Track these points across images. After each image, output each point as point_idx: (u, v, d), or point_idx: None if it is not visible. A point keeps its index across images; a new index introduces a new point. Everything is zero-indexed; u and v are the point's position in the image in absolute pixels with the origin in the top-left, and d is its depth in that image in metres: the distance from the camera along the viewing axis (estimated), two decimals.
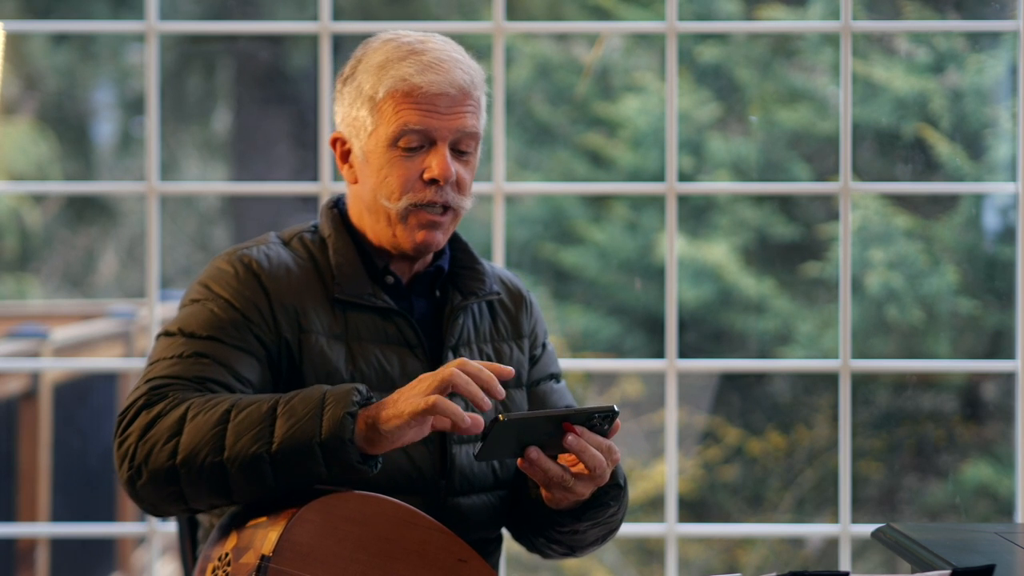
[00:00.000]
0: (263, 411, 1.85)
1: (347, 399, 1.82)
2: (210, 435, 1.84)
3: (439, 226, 2.05)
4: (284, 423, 1.83)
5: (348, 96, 2.07)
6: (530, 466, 1.86)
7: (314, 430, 1.81)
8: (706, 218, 5.20)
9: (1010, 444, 4.23)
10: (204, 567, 1.83)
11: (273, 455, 1.82)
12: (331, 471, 1.82)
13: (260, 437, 1.83)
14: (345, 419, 1.81)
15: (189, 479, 1.85)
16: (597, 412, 1.85)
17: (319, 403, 1.83)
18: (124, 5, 5.84)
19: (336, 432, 1.80)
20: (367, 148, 2.05)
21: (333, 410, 1.82)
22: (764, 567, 4.91)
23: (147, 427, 1.88)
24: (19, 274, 6.80)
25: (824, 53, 5.13)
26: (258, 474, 1.83)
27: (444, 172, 2.02)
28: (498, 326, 2.16)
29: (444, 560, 1.84)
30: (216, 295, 2.01)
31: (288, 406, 1.84)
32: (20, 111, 6.45)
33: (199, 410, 1.87)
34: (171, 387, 1.93)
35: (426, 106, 2.02)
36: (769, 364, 4.39)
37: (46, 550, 4.72)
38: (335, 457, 1.81)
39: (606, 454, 1.88)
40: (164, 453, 1.86)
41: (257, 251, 2.07)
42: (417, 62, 2.03)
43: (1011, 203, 4.52)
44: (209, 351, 1.96)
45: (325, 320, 2.03)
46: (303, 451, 1.81)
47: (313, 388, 1.86)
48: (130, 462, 1.88)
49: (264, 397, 1.88)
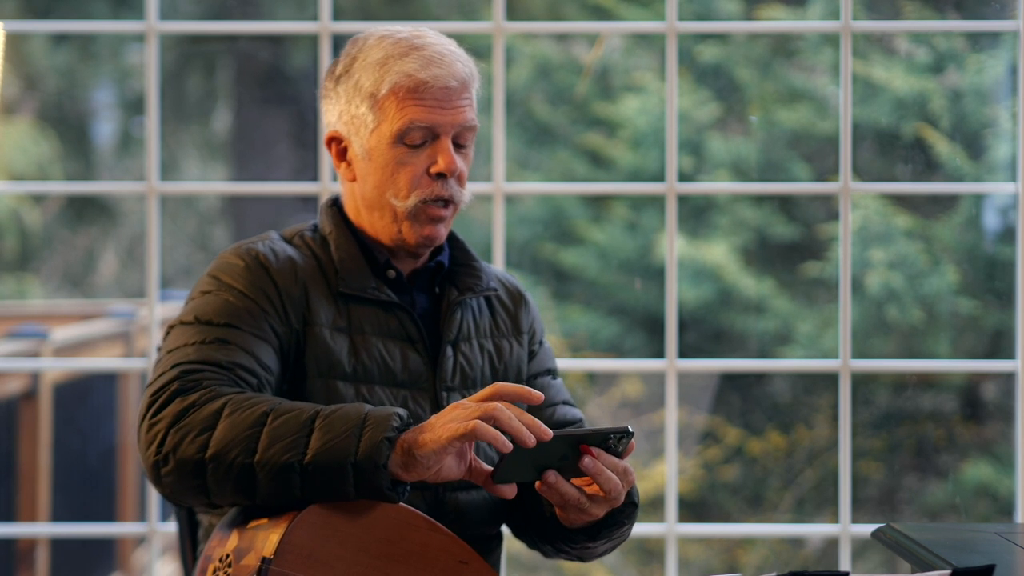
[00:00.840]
0: (301, 420, 1.82)
1: (387, 423, 1.79)
2: (244, 435, 1.82)
3: (443, 220, 2.07)
4: (320, 437, 1.80)
5: (344, 94, 2.07)
6: (548, 489, 1.86)
7: (349, 450, 1.78)
8: (706, 218, 5.20)
9: (1010, 444, 4.23)
10: (205, 568, 1.83)
11: (304, 467, 1.79)
12: (359, 492, 1.79)
13: (294, 447, 1.80)
14: (382, 444, 1.78)
15: (216, 475, 1.83)
16: (612, 433, 1.84)
17: (359, 423, 1.80)
18: (124, 5, 5.84)
19: (371, 455, 1.78)
20: (369, 145, 2.05)
21: (372, 433, 1.79)
22: (764, 567, 4.91)
23: (180, 414, 1.85)
24: (19, 274, 6.80)
25: (824, 53, 5.13)
26: (286, 483, 1.80)
27: (451, 166, 2.03)
28: (497, 322, 2.17)
29: (445, 562, 1.84)
30: (228, 285, 2.01)
31: (327, 420, 1.82)
32: (20, 111, 6.45)
33: (236, 407, 1.84)
34: (203, 373, 1.90)
35: (430, 101, 2.03)
36: (769, 364, 4.39)
37: (46, 550, 4.72)
38: (366, 480, 1.78)
39: (621, 476, 1.87)
40: (195, 445, 1.84)
41: (263, 246, 2.08)
42: (419, 57, 2.04)
43: (1011, 203, 4.52)
44: (230, 337, 1.95)
45: (329, 313, 2.04)
46: (335, 469, 1.79)
47: (354, 406, 1.84)
48: (158, 447, 1.85)
49: (304, 406, 1.85)
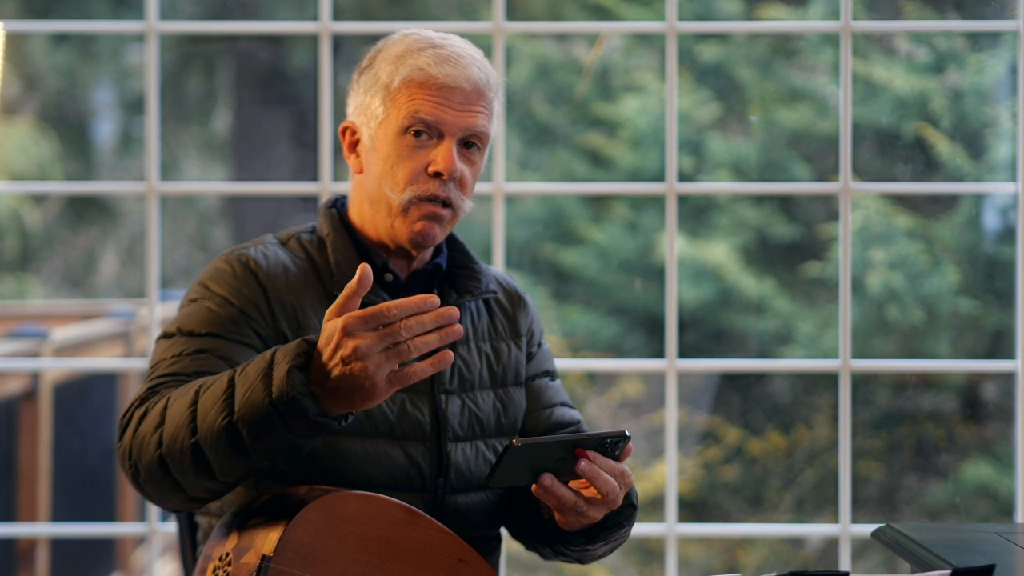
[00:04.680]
0: (224, 383, 1.82)
1: (294, 352, 1.77)
2: (184, 419, 1.83)
3: (438, 219, 2.05)
4: (239, 390, 1.79)
5: (363, 85, 2.08)
6: (544, 493, 1.86)
7: (265, 391, 1.77)
8: (706, 218, 5.20)
9: (1010, 444, 4.23)
10: (204, 567, 1.83)
11: (234, 425, 1.79)
12: (293, 430, 1.77)
13: (223, 410, 1.80)
14: (291, 373, 1.75)
15: (176, 467, 1.84)
16: (609, 437, 1.84)
17: (269, 363, 1.78)
18: (124, 5, 5.84)
19: (284, 390, 1.75)
20: (376, 135, 2.05)
21: (279, 368, 1.76)
22: (764, 567, 4.91)
23: (138, 424, 1.89)
24: (19, 274, 6.80)
25: (824, 53, 5.13)
26: (231, 448, 1.80)
27: (449, 166, 2.02)
28: (496, 325, 2.16)
29: (444, 560, 1.84)
30: (214, 293, 2.02)
31: (243, 373, 1.80)
32: (20, 111, 6.45)
33: (175, 398, 1.86)
34: (166, 384, 1.93)
35: (439, 98, 2.03)
36: (769, 364, 4.39)
37: (46, 550, 4.72)
38: (292, 415, 1.76)
39: (619, 479, 1.88)
40: (152, 445, 1.86)
41: (255, 251, 2.07)
42: (435, 55, 2.04)
43: (1011, 203, 4.52)
44: (209, 347, 1.97)
45: (322, 316, 2.03)
46: (260, 415, 1.77)
47: (267, 351, 1.82)
48: (129, 460, 1.89)
49: (226, 372, 1.84)
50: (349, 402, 1.76)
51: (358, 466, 1.98)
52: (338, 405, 1.77)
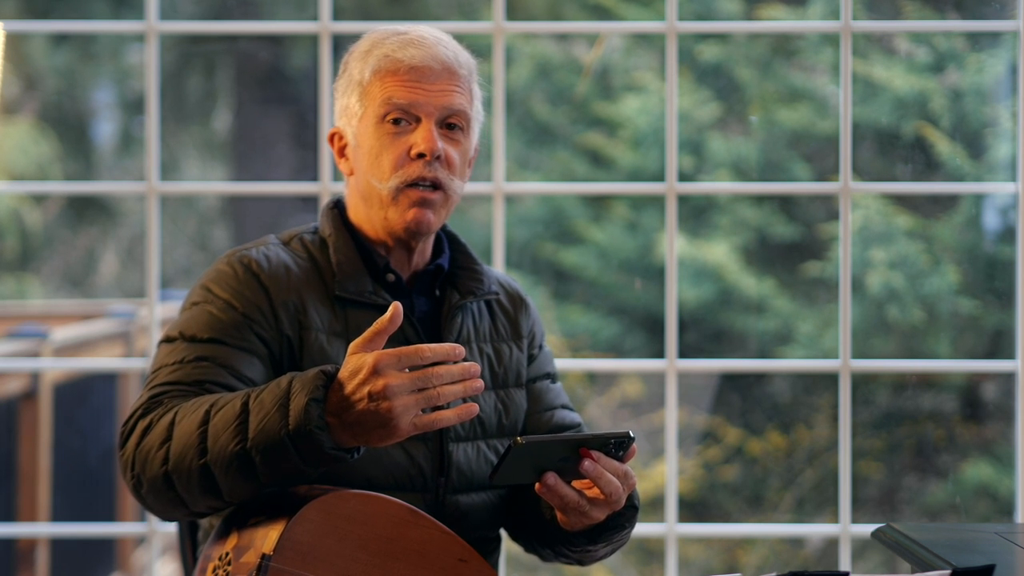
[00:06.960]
0: (237, 408, 1.81)
1: (312, 384, 1.76)
2: (194, 438, 1.82)
3: (430, 204, 2.05)
4: (254, 417, 1.78)
5: (341, 89, 2.11)
6: (547, 491, 1.86)
7: (281, 422, 1.76)
8: (706, 218, 5.20)
9: (1010, 444, 4.23)
10: (205, 566, 1.83)
11: (248, 452, 1.78)
12: (307, 463, 1.77)
13: (236, 435, 1.79)
14: (310, 406, 1.74)
15: (182, 484, 1.84)
16: (613, 438, 1.84)
17: (286, 392, 1.77)
18: (124, 5, 5.84)
19: (302, 423, 1.74)
20: (358, 132, 2.07)
21: (298, 399, 1.76)
22: (764, 567, 4.91)
23: (142, 436, 1.88)
24: (19, 274, 6.80)
25: (824, 53, 5.13)
26: (241, 473, 1.80)
27: (430, 145, 2.02)
28: (497, 326, 2.16)
29: (444, 560, 1.84)
30: (216, 296, 2.02)
31: (258, 399, 1.80)
32: (20, 111, 6.45)
33: (185, 414, 1.85)
34: (169, 394, 1.92)
35: (409, 80, 2.04)
36: (769, 364, 4.39)
37: (46, 550, 4.72)
38: (307, 448, 1.75)
39: (622, 480, 1.88)
40: (157, 460, 1.85)
41: (256, 252, 2.07)
42: (399, 40, 2.06)
43: (1011, 203, 4.52)
44: (210, 354, 1.96)
45: (325, 317, 2.03)
46: (275, 445, 1.76)
47: (283, 377, 1.81)
48: (131, 471, 1.88)
49: (240, 393, 1.83)
50: (366, 437, 1.76)
51: (358, 465, 1.98)
52: (353, 438, 1.76)
